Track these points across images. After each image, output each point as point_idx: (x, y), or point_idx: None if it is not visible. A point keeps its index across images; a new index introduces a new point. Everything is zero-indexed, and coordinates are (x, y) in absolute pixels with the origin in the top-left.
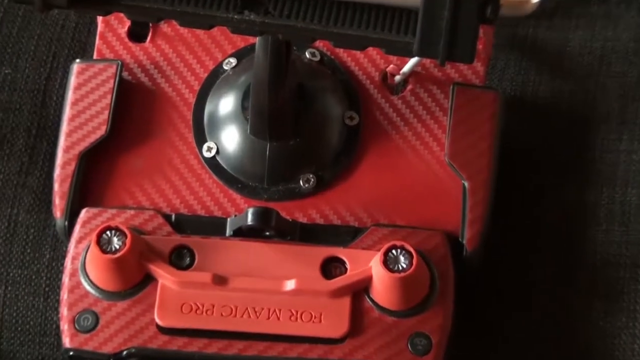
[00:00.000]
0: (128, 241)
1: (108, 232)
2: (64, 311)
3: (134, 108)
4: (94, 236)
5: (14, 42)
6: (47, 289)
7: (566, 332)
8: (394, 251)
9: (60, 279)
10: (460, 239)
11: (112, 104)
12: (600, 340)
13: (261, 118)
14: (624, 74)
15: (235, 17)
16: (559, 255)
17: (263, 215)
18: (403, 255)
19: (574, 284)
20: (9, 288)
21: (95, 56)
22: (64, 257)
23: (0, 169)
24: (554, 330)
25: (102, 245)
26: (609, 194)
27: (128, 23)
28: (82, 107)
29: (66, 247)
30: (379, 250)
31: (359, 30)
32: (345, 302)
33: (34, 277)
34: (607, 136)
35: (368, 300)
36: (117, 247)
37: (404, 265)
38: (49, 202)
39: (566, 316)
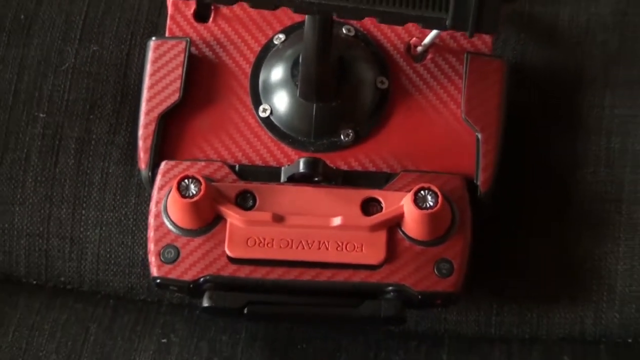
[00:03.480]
0: (202, 188)
1: (186, 180)
2: (150, 246)
3: (201, 78)
4: (174, 183)
5: (99, 23)
6: (133, 228)
7: (561, 255)
8: (422, 192)
9: (144, 220)
10: (475, 182)
11: (183, 74)
12: (590, 263)
13: (309, 83)
14: (605, 42)
15: None
16: (555, 193)
17: (312, 163)
18: (430, 195)
19: (567, 216)
20: (103, 228)
21: (167, 34)
22: (147, 201)
23: (93, 129)
24: (551, 254)
25: (182, 191)
26: (595, 142)
27: (194, 6)
28: (159, 78)
29: (149, 193)
30: (408, 191)
31: (400, 8)
32: (382, 235)
33: (122, 219)
34: (593, 94)
35: (400, 232)
36: (194, 192)
37: (431, 204)
38: (133, 156)
39: (560, 242)
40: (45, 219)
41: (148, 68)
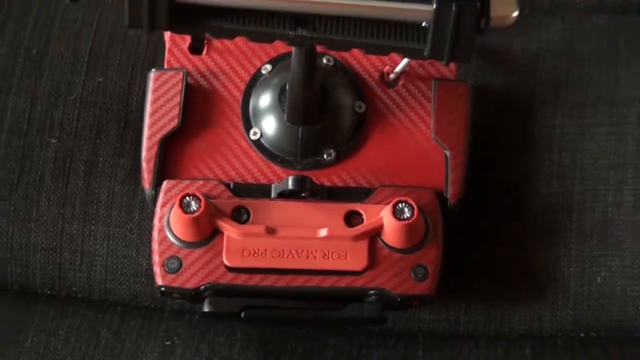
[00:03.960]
0: (202, 204)
1: (187, 198)
2: (155, 258)
3: (197, 105)
4: (177, 201)
5: (103, 56)
6: (137, 241)
7: (521, 260)
8: (400, 204)
9: (147, 235)
10: (445, 194)
11: (181, 102)
12: (546, 266)
13: (296, 109)
14: (555, 68)
15: (291, 33)
16: (514, 204)
17: (300, 181)
18: (407, 208)
19: (525, 225)
20: (111, 242)
21: (165, 66)
22: (149, 217)
23: (100, 152)
24: (512, 259)
25: (184, 207)
26: (549, 158)
27: (189, 40)
28: (159, 105)
29: (152, 210)
30: (387, 204)
31: (384, 41)
32: (364, 244)
33: (128, 233)
34: (545, 115)
35: (380, 241)
36: (195, 209)
37: (408, 215)
38: (136, 177)
39: (519, 248)
40: (58, 235)
41: (149, 97)
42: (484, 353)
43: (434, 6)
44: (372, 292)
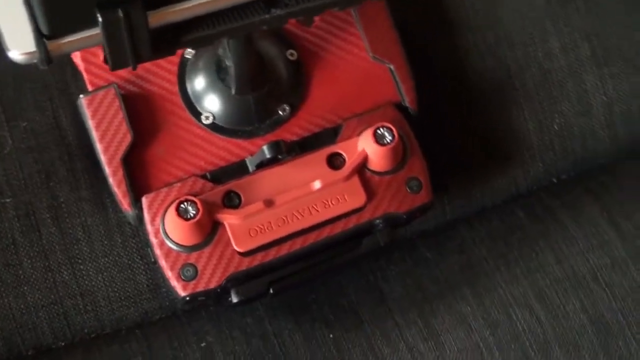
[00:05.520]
0: (200, 205)
1: (183, 204)
2: (168, 273)
3: (139, 113)
4: (172, 210)
5: (15, 101)
6: (129, 262)
7: (482, 137)
8: (379, 130)
9: (136, 252)
10: (404, 104)
11: (125, 116)
12: (505, 134)
13: (244, 79)
14: None
15: (267, 16)
16: (463, 91)
17: (275, 146)
18: (386, 131)
19: (475, 105)
20: (104, 274)
21: (90, 88)
22: (132, 235)
23: (58, 193)
24: (475, 139)
25: (182, 214)
26: (472, 39)
27: (101, 54)
28: (105, 127)
29: (136, 227)
30: (358, 135)
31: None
32: (356, 180)
33: (117, 259)
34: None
35: (368, 172)
36: (194, 212)
37: (390, 138)
38: (102, 203)
39: (477, 127)
40: (52, 287)
41: (91, 123)
42: (481, 229)
43: None
44: (379, 220)
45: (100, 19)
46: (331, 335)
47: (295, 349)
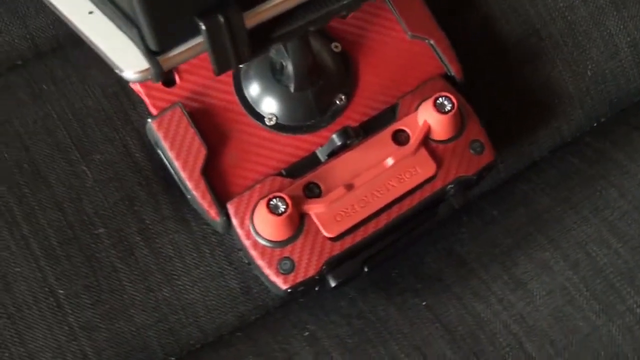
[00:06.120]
0: (288, 200)
1: (273, 201)
2: (266, 271)
3: (206, 126)
4: (264, 208)
5: (83, 136)
6: (219, 270)
7: (524, 94)
8: (439, 99)
9: (223, 260)
10: (449, 74)
11: (197, 131)
12: (542, 87)
13: (303, 77)
14: None
15: (345, 1)
16: (502, 57)
17: (344, 133)
18: (445, 100)
19: (516, 68)
20: (199, 285)
21: (154, 112)
22: (217, 244)
23: (144, 217)
24: (520, 97)
25: (274, 211)
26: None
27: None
28: (179, 145)
29: (227, 235)
30: (415, 110)
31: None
32: (423, 152)
33: (208, 268)
34: None
35: (433, 142)
36: (284, 207)
37: (450, 106)
38: (183, 219)
39: (521, 86)
40: (156, 306)
41: (164, 144)
42: (539, 180)
43: None
44: (451, 186)
45: (203, 27)
46: (424, 303)
47: (394, 322)
